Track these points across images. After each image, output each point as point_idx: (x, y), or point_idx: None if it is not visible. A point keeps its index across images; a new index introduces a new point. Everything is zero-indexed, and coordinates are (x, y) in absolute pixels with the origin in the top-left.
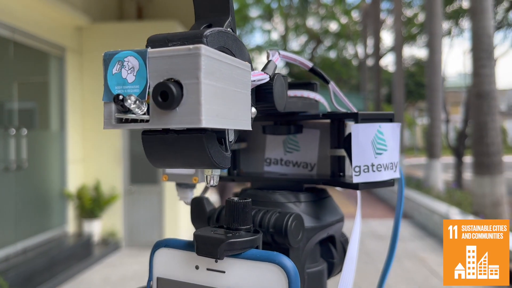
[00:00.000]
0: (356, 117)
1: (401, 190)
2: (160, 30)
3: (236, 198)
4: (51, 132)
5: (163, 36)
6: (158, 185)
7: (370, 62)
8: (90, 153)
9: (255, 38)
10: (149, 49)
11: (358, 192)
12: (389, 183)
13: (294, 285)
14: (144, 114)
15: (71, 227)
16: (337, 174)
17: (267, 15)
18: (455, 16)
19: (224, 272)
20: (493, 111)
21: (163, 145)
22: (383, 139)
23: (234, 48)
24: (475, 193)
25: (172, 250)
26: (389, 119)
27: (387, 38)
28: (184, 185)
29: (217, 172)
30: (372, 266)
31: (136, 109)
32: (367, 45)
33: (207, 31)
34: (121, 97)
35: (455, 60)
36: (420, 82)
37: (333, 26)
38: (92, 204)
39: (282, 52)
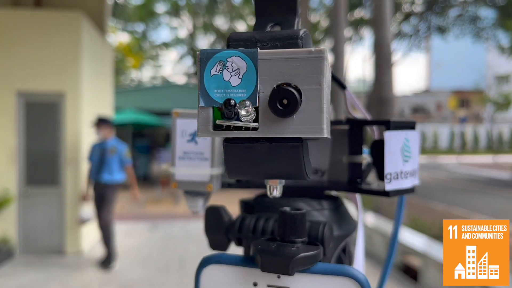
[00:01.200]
0: (388, 125)
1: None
2: (63, 21)
3: (288, 208)
4: None
5: (250, 35)
6: (58, 187)
7: None
8: None
9: (161, 35)
10: (259, 50)
11: (358, 195)
12: (412, 189)
13: None
14: (251, 121)
15: None
16: (354, 181)
17: (174, 11)
18: (356, 24)
19: None
20: (390, 115)
21: (251, 154)
22: (409, 146)
23: None
24: None
25: (224, 266)
26: (411, 127)
27: None
28: (194, 193)
29: (282, 183)
30: None
31: (245, 116)
32: None
33: (301, 32)
34: (232, 102)
35: (355, 66)
36: None
37: (242, 27)
38: None
39: None
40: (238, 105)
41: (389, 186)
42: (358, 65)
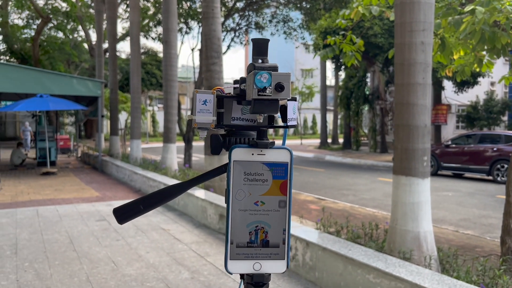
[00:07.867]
0: (291, 99)
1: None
2: None
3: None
4: None
5: (263, 65)
6: None
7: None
8: None
9: None
10: (273, 72)
11: (284, 129)
12: (296, 126)
13: (292, 159)
14: (270, 93)
15: None
16: (271, 122)
17: None
18: (186, 16)
19: (265, 154)
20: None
21: (263, 105)
22: (294, 108)
23: None
24: (206, 170)
25: (241, 148)
26: (294, 99)
27: (119, 25)
28: (204, 128)
29: (264, 116)
30: (123, 241)
31: (268, 91)
32: (103, 31)
33: (277, 65)
34: (267, 86)
35: (183, 54)
36: (150, 71)
37: (63, 5)
38: None
39: None
40: (267, 88)
41: (289, 123)
42: (185, 53)
